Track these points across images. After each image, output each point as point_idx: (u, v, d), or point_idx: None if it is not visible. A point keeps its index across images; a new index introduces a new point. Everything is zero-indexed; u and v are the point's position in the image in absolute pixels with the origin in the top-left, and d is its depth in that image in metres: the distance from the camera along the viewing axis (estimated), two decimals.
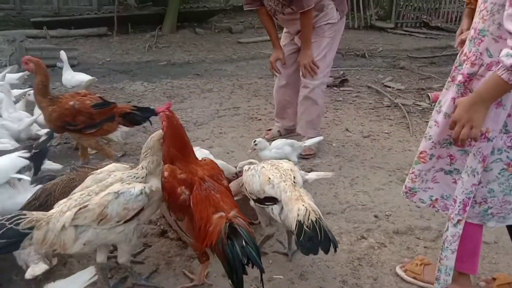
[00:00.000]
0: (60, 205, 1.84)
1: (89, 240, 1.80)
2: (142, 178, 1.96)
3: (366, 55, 7.69)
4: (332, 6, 3.43)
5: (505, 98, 1.57)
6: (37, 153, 2.54)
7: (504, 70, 1.43)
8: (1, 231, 1.68)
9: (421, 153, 1.87)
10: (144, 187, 1.90)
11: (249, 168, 2.23)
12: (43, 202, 2.14)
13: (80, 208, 1.78)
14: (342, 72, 6.07)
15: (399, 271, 2.14)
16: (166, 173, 1.87)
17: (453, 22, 11.86)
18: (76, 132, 3.04)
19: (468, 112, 1.53)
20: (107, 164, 2.30)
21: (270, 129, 3.93)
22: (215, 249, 1.72)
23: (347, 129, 4.12)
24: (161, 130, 2.05)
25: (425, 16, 11.59)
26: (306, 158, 3.40)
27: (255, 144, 2.97)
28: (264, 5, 3.44)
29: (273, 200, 1.99)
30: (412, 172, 1.91)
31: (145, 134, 3.88)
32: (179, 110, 4.53)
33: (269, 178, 2.04)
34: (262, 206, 2.06)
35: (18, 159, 2.35)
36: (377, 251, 2.28)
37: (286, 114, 3.83)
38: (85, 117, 2.96)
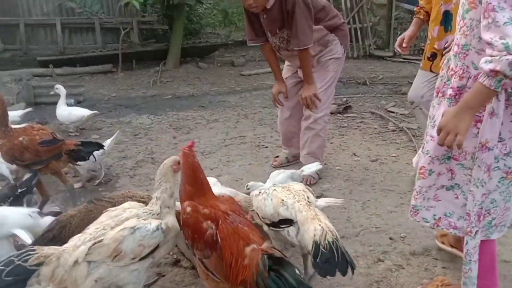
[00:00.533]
0: (74, 240, 1.80)
1: (101, 277, 1.74)
2: (158, 214, 1.92)
3: (367, 83, 7.78)
4: (336, 42, 3.49)
5: (496, 107, 1.63)
6: (23, 192, 2.51)
7: (485, 76, 1.50)
8: (9, 268, 1.63)
9: (420, 168, 1.90)
10: (160, 223, 1.86)
11: (259, 192, 2.21)
12: (57, 234, 2.12)
13: (95, 243, 1.73)
14: (345, 99, 6.14)
15: None
16: (189, 209, 1.82)
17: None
18: (24, 167, 2.95)
19: (453, 120, 1.60)
20: (122, 195, 2.30)
21: (277, 156, 3.94)
22: (253, 285, 1.62)
23: (354, 154, 4.13)
24: (174, 156, 2.06)
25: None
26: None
27: (248, 189, 2.77)
28: (268, 41, 3.51)
29: (289, 222, 1.97)
30: (414, 189, 1.95)
31: (154, 165, 3.90)
32: (186, 141, 4.55)
33: (283, 200, 2.02)
34: (277, 229, 2.04)
35: (27, 216, 2.27)
36: (395, 274, 2.24)
37: (292, 143, 3.83)
38: (31, 154, 2.87)
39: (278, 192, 2.10)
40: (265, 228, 2.13)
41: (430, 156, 1.84)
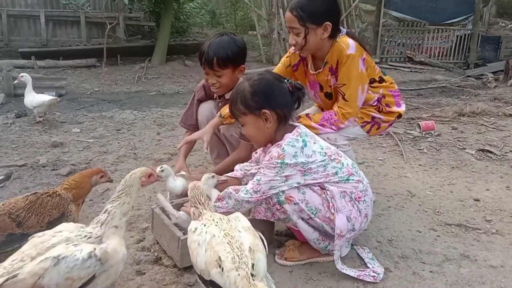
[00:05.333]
0: None
1: None
2: (98, 237, 1.61)
3: None
4: None
5: None
6: None
7: None
8: None
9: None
10: (94, 249, 1.53)
11: (195, 228, 1.68)
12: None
13: (8, 279, 1.41)
14: None
15: (281, 261, 2.26)
16: None
17: (435, 57, 12.22)
18: None
19: None
20: None
21: None
22: None
23: None
24: (145, 167, 1.86)
25: (408, 51, 11.92)
26: None
27: (162, 171, 2.51)
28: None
29: None
30: None
31: (136, 161, 3.78)
32: (171, 137, 4.47)
33: (219, 258, 1.52)
34: None
35: None
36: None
37: None
38: None
39: (216, 242, 1.57)
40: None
41: None
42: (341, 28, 2.64)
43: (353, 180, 2.13)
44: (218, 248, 1.54)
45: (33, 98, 4.74)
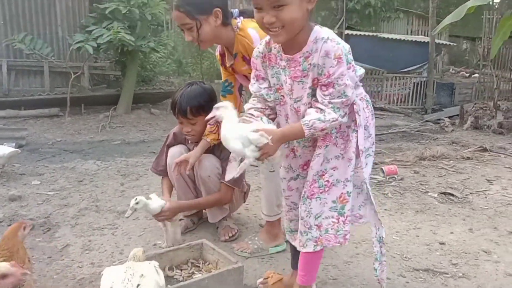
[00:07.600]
0: None
1: None
2: None
3: None
4: None
5: None
6: None
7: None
8: None
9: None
10: None
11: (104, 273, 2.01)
12: None
13: None
14: None
15: None
16: None
17: (394, 103, 12.75)
18: None
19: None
20: None
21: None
22: None
23: None
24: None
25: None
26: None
27: (137, 203, 2.67)
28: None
29: None
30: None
31: (98, 214, 3.65)
32: (135, 187, 4.36)
33: (113, 282, 1.86)
34: None
35: None
36: None
37: None
38: None
39: (115, 274, 1.91)
40: None
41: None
42: (231, 10, 2.61)
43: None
44: (114, 276, 1.88)
45: None
